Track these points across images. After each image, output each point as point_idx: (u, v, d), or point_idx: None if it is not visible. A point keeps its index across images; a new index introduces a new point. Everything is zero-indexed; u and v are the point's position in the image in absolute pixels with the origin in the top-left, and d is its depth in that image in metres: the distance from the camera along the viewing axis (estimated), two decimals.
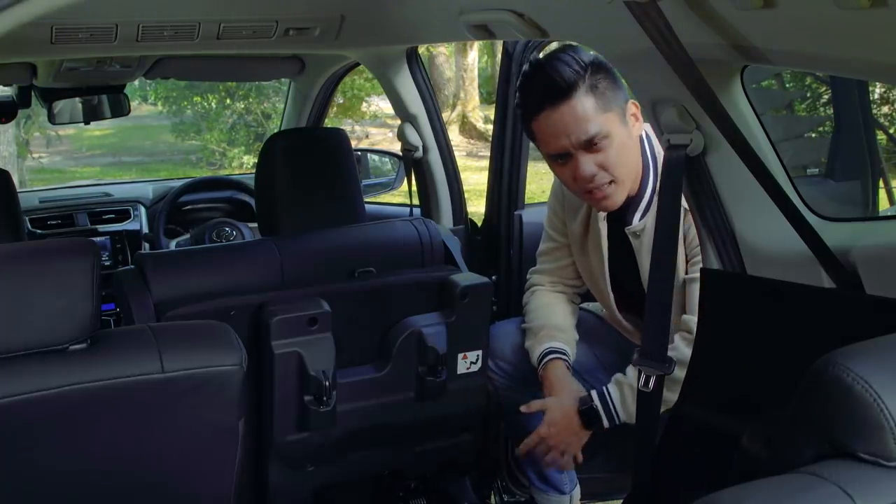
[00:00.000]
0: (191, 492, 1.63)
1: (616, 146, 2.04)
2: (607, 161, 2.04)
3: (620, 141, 2.04)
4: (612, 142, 2.03)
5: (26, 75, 2.70)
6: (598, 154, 2.03)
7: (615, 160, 2.04)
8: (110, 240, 3.24)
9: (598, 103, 2.01)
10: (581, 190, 2.10)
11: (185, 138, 12.40)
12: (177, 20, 2.02)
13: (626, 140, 2.06)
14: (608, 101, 2.02)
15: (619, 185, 2.07)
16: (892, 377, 0.89)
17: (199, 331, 1.61)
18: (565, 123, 2.01)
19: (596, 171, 2.04)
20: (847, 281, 1.50)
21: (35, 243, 1.62)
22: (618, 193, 2.09)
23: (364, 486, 2.48)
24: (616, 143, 2.03)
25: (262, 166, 2.24)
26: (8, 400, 1.39)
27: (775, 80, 4.49)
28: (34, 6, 1.11)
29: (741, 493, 0.87)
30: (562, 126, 2.01)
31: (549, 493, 2.49)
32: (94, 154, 13.39)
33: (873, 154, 3.47)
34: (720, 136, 1.57)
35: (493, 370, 2.36)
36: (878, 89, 5.93)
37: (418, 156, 2.74)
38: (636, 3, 1.32)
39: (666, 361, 1.80)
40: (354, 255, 2.21)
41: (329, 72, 3.07)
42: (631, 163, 2.10)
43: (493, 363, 2.36)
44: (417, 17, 2.16)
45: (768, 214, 1.59)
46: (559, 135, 2.02)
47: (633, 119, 2.09)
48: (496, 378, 2.38)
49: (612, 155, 2.03)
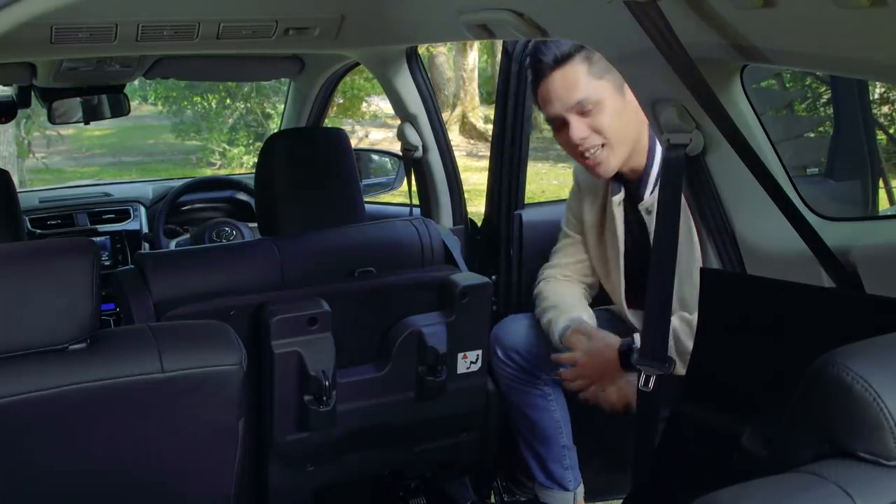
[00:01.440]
0: (190, 492, 1.63)
1: (609, 112, 2.13)
2: (598, 125, 2.14)
3: (613, 107, 2.14)
4: (603, 107, 2.13)
5: (26, 75, 2.70)
6: (589, 118, 2.14)
7: (607, 124, 2.14)
8: (110, 240, 3.24)
9: (591, 70, 2.12)
10: (576, 154, 2.20)
11: (185, 138, 12.39)
12: (177, 20, 2.02)
13: (619, 107, 2.15)
14: (602, 70, 2.12)
15: (612, 150, 2.16)
16: (891, 377, 0.89)
17: (199, 330, 1.61)
18: (557, 89, 2.15)
19: (587, 135, 2.14)
20: (847, 281, 1.50)
21: (35, 243, 1.62)
22: (611, 159, 2.17)
23: (364, 486, 2.48)
24: (609, 109, 2.13)
25: (262, 166, 2.24)
26: (7, 400, 1.39)
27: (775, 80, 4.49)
28: (34, 6, 1.11)
29: (741, 493, 0.87)
30: (554, 92, 2.16)
31: (554, 490, 2.49)
32: (94, 154, 13.39)
33: (873, 154, 3.47)
34: (720, 136, 1.57)
35: (502, 360, 2.37)
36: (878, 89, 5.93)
37: (418, 156, 2.74)
38: (636, 3, 1.32)
39: (666, 361, 1.80)
40: (354, 255, 2.21)
41: (329, 72, 3.07)
42: (626, 129, 2.17)
43: (503, 353, 2.37)
44: (417, 16, 2.16)
45: (768, 214, 1.59)
46: (553, 100, 2.16)
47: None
48: (505, 369, 2.38)
49: (604, 119, 2.14)
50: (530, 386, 2.41)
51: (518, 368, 2.39)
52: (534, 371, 2.39)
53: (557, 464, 2.47)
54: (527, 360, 2.38)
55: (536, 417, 2.44)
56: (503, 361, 2.37)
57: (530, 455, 2.49)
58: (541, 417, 2.44)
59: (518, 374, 2.39)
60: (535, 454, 2.48)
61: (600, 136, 2.15)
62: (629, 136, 2.18)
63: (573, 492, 2.50)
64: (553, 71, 2.14)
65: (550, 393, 2.44)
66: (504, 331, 2.38)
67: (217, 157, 11.54)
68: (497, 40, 2.18)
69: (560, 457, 2.47)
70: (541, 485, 2.51)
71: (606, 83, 2.13)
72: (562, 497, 2.50)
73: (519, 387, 2.40)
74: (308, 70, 3.06)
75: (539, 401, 2.43)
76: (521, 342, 2.39)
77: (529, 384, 2.40)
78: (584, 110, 2.13)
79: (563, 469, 2.48)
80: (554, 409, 2.44)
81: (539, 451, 2.47)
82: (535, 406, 2.43)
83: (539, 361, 2.37)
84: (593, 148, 2.16)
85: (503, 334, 2.38)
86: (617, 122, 2.14)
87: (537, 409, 2.43)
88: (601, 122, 2.14)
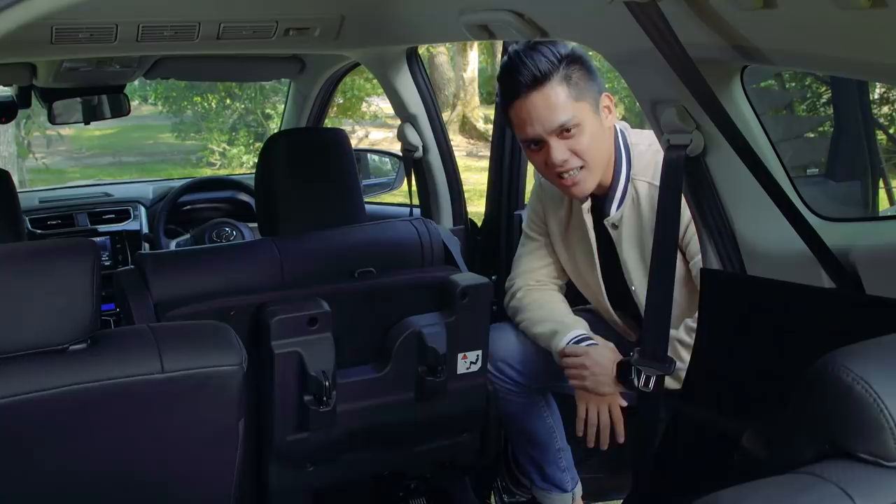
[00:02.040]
0: (190, 492, 1.63)
1: (587, 134, 2.12)
2: (578, 147, 2.12)
3: (592, 130, 2.13)
4: (583, 130, 2.11)
5: (26, 75, 2.70)
6: (569, 140, 2.12)
7: (586, 146, 2.12)
8: (110, 240, 3.24)
9: (571, 93, 2.10)
10: (553, 175, 2.18)
11: (185, 138, 12.39)
12: (177, 20, 2.02)
13: (597, 129, 2.14)
14: (581, 92, 2.11)
15: (589, 172, 2.15)
16: (892, 377, 0.89)
17: (199, 331, 1.61)
18: (538, 111, 2.10)
19: (567, 157, 2.12)
20: (847, 281, 1.50)
21: (35, 243, 1.62)
22: (588, 180, 2.16)
23: (364, 486, 2.48)
24: (587, 131, 2.12)
25: (262, 166, 2.24)
26: (8, 400, 1.39)
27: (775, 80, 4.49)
28: (34, 6, 1.11)
29: (741, 493, 0.87)
30: (535, 113, 2.11)
31: (552, 492, 2.50)
32: (94, 154, 13.38)
33: (873, 154, 3.47)
34: (720, 136, 1.57)
35: (492, 373, 2.36)
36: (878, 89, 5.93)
37: (418, 156, 2.74)
38: (636, 3, 1.32)
39: (666, 361, 1.80)
40: (354, 255, 2.21)
41: (329, 72, 3.07)
42: (602, 151, 2.17)
43: (492, 366, 2.35)
44: (417, 17, 2.16)
45: (768, 214, 1.59)
46: (532, 121, 2.12)
47: (606, 111, 2.17)
48: (497, 381, 2.38)
49: (583, 142, 2.12)
50: (522, 396, 2.40)
51: (509, 380, 2.38)
52: (525, 381, 2.39)
53: (554, 466, 2.48)
54: (517, 370, 2.38)
55: (530, 425, 2.45)
56: (493, 374, 2.36)
57: (527, 460, 2.51)
58: (535, 425, 2.45)
59: (510, 385, 2.39)
60: (532, 459, 2.49)
61: (580, 158, 2.13)
62: (605, 157, 2.18)
63: (571, 492, 2.51)
64: (531, 91, 2.09)
65: (541, 400, 2.45)
66: (492, 341, 2.33)
67: (217, 157, 11.54)
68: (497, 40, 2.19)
69: (556, 460, 2.48)
70: (539, 488, 2.52)
71: (585, 104, 2.11)
72: (560, 499, 2.50)
73: (512, 397, 2.40)
74: (308, 70, 3.06)
75: (532, 409, 2.44)
76: (511, 353, 2.38)
77: (521, 395, 2.40)
78: (564, 132, 2.10)
79: (560, 472, 2.48)
80: (546, 415, 2.46)
81: (535, 456, 2.49)
82: (528, 415, 2.44)
83: (529, 371, 2.37)
84: (573, 170, 2.14)
85: (491, 344, 2.33)
86: (595, 144, 2.13)
87: (531, 418, 2.44)
88: (581, 144, 2.11)
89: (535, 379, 2.38)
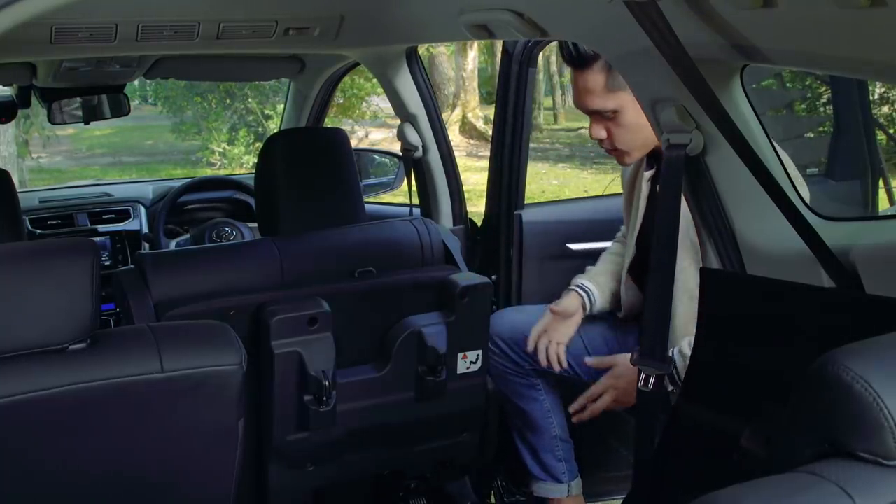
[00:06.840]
0: (190, 491, 1.63)
1: (626, 122, 2.14)
2: (614, 131, 2.16)
3: (631, 120, 2.13)
4: (621, 117, 2.14)
5: (26, 75, 2.70)
6: (607, 122, 2.17)
7: (622, 134, 2.16)
8: (110, 240, 3.24)
9: (609, 82, 2.12)
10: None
11: (185, 138, 12.39)
12: (177, 20, 2.02)
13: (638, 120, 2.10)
14: (622, 82, 2.08)
15: (627, 154, 2.21)
16: (891, 377, 0.89)
17: (199, 331, 1.61)
18: (578, 90, 2.20)
19: (602, 137, 2.19)
20: (847, 281, 1.50)
21: (35, 243, 1.62)
22: (626, 157, 2.23)
23: (364, 486, 2.48)
24: (626, 119, 2.14)
25: (262, 166, 2.24)
26: (8, 400, 1.39)
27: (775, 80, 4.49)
28: (34, 6, 1.11)
29: (740, 493, 0.87)
30: (576, 91, 2.21)
31: (547, 482, 2.51)
32: (94, 154, 13.39)
33: (873, 154, 3.48)
34: (720, 136, 1.57)
35: (490, 349, 2.38)
36: (878, 89, 5.93)
37: (418, 156, 2.74)
38: (636, 3, 1.32)
39: (666, 361, 1.80)
40: (354, 255, 2.21)
41: (329, 72, 3.07)
42: (641, 139, 2.17)
43: (491, 343, 2.39)
44: (417, 17, 2.16)
45: (768, 214, 1.59)
46: (578, 96, 2.21)
47: None
48: (494, 358, 2.41)
49: (619, 129, 2.16)
50: (517, 375, 2.44)
51: (503, 356, 2.42)
52: (519, 360, 2.42)
53: (549, 454, 2.49)
54: (511, 347, 2.41)
55: (526, 406, 2.47)
56: (491, 350, 2.39)
57: (524, 447, 2.52)
58: (530, 406, 2.47)
59: (504, 362, 2.43)
60: (528, 445, 2.51)
61: (613, 141, 2.18)
62: (645, 144, 2.18)
63: (567, 483, 2.51)
64: (575, 70, 2.16)
65: (538, 382, 2.47)
66: (492, 321, 2.39)
67: (217, 157, 11.54)
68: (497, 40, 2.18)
69: (552, 447, 2.49)
70: (535, 477, 2.53)
71: (626, 94, 2.07)
72: (555, 488, 2.51)
73: (508, 376, 2.44)
74: (308, 70, 3.06)
75: (527, 390, 2.47)
76: (505, 330, 2.42)
77: (516, 373, 2.44)
78: (600, 116, 2.16)
79: (555, 460, 2.49)
80: (543, 398, 2.48)
81: (531, 440, 2.50)
82: (523, 395, 2.47)
83: (523, 350, 2.39)
84: (610, 148, 2.21)
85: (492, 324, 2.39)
86: (633, 132, 2.15)
87: (526, 398, 2.47)
88: (616, 131, 2.16)
89: (527, 359, 2.40)
